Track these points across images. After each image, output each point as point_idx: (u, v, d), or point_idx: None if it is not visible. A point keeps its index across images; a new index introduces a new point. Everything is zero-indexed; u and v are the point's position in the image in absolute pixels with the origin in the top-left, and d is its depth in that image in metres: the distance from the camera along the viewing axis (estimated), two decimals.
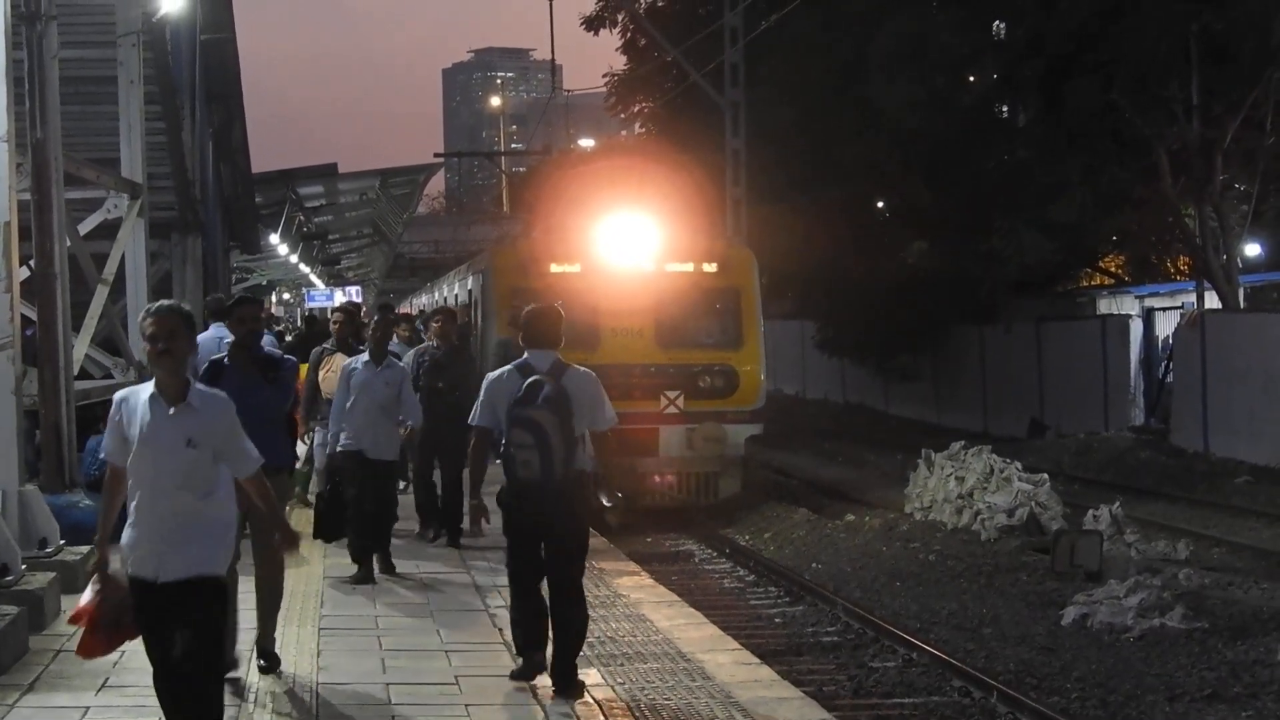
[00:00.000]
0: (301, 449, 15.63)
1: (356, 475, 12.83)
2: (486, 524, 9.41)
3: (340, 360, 14.30)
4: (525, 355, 9.27)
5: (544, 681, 9.12)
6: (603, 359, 21.56)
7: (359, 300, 56.18)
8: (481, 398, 9.25)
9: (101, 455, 7.15)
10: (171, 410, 6.83)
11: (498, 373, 9.34)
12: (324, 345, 15.83)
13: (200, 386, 7.10)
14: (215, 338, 16.24)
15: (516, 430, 8.89)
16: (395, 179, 46.22)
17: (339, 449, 13.02)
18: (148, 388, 6.93)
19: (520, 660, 9.37)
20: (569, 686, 8.97)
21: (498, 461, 9.22)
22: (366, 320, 19.78)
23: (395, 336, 16.32)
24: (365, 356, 13.24)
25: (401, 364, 13.69)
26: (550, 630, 9.12)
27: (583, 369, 9.35)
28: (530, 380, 8.97)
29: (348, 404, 13.01)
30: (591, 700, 8.85)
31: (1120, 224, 35.00)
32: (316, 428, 15.44)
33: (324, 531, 12.57)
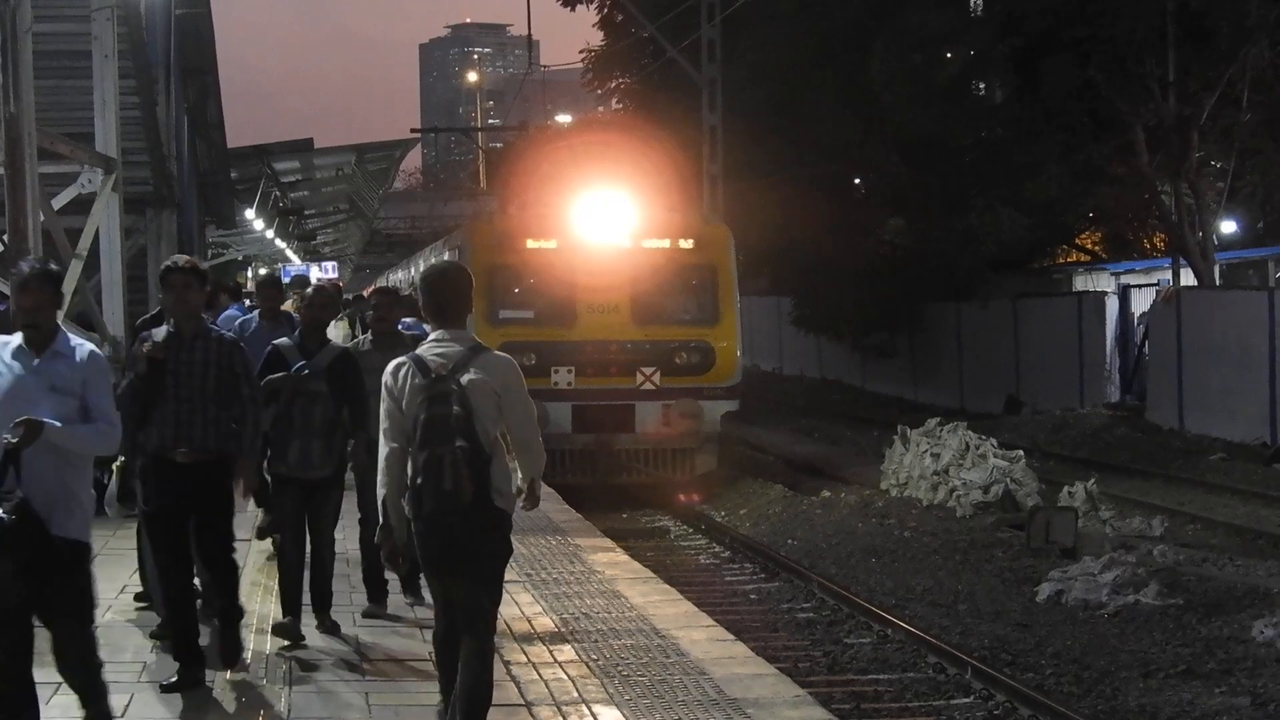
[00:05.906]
0: None
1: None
2: None
3: None
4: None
5: (521, 673, 9.13)
6: (579, 335, 21.58)
7: (335, 275, 55.82)
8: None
9: None
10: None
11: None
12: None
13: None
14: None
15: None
16: (371, 154, 46.15)
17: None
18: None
19: None
20: None
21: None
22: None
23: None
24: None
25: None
26: None
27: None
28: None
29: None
30: (565, 676, 8.85)
31: (1097, 201, 35.07)
32: None
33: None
